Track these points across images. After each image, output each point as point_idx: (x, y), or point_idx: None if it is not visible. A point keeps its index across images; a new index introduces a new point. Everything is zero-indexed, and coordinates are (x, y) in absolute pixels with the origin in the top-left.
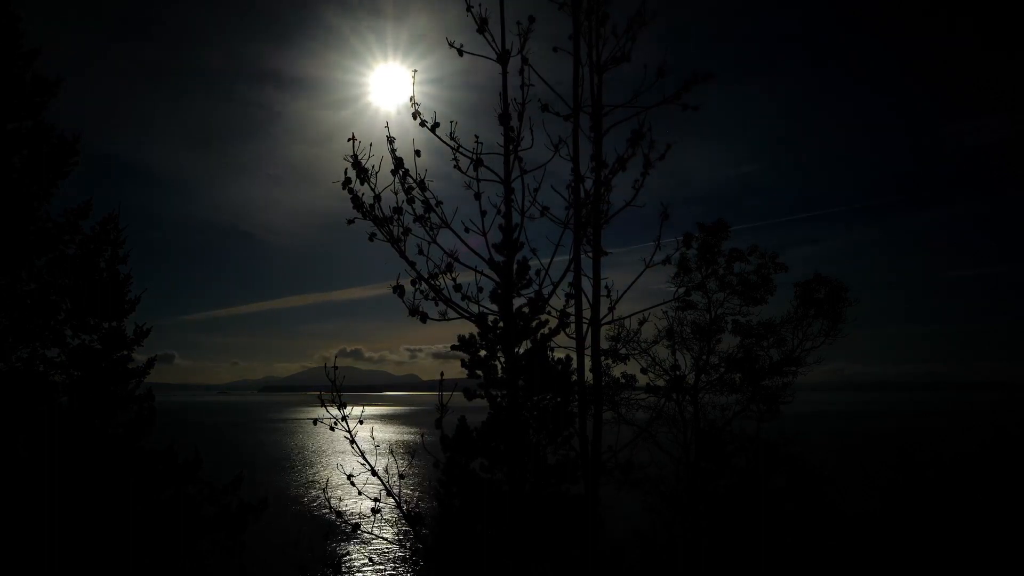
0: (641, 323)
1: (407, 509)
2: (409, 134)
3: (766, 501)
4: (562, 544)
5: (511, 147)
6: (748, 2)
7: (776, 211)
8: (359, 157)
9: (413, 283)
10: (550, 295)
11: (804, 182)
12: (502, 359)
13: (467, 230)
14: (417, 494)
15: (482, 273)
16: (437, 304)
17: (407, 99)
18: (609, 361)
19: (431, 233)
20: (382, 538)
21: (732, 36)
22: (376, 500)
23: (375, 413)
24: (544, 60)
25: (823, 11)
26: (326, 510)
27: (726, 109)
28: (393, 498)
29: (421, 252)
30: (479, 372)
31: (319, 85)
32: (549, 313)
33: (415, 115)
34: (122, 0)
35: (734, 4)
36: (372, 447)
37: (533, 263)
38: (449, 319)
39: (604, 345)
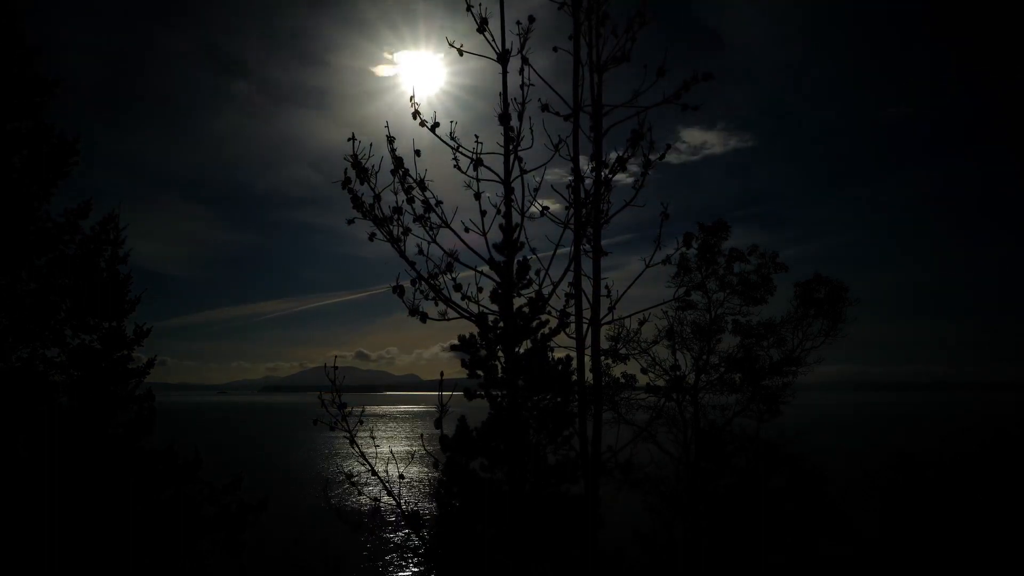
0: (641, 323)
1: (406, 509)
2: (417, 132)
3: (766, 501)
4: (562, 544)
5: (511, 147)
6: None
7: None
8: (359, 157)
9: (413, 283)
10: (550, 295)
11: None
12: (502, 359)
13: (467, 230)
14: (417, 494)
15: (482, 273)
16: (437, 304)
17: (437, 89)
18: (609, 361)
19: (431, 233)
20: (382, 537)
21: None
22: (376, 500)
23: (375, 413)
24: (544, 60)
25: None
26: (326, 510)
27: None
28: (393, 498)
29: (421, 252)
30: (479, 372)
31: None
32: (549, 313)
33: (415, 115)
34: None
35: None
36: (372, 447)
37: (533, 263)
38: (449, 319)
39: (604, 345)
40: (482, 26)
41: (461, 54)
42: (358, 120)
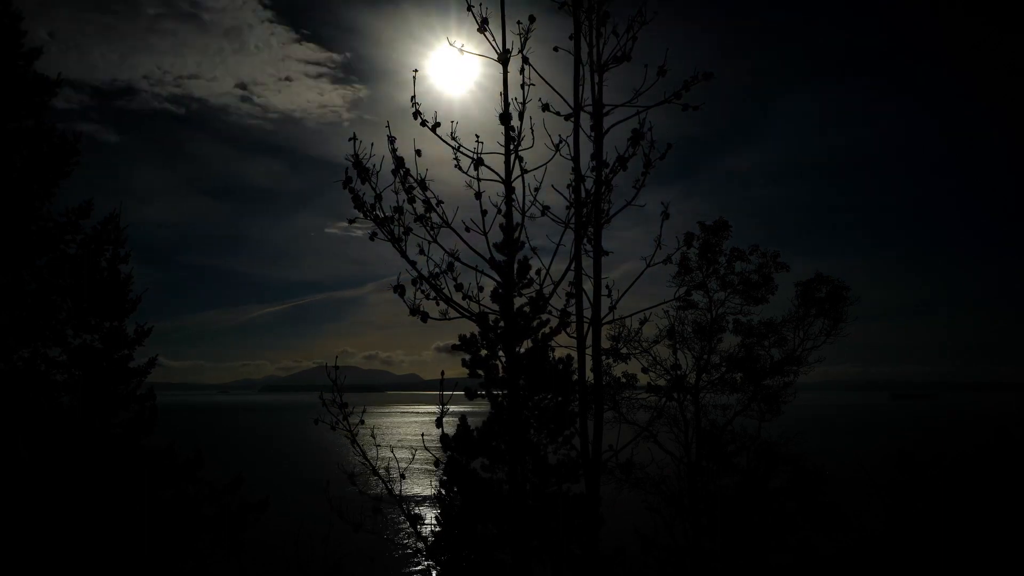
0: (642, 322)
1: (408, 508)
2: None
3: (767, 500)
4: (563, 543)
5: (512, 147)
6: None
7: None
8: (360, 157)
9: (414, 283)
10: (551, 294)
11: None
12: (503, 358)
13: (468, 230)
14: (417, 493)
15: (483, 272)
16: (438, 304)
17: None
18: (610, 360)
19: (432, 233)
20: (383, 537)
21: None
22: (377, 500)
23: (376, 412)
24: (545, 60)
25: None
26: (327, 510)
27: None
28: (394, 497)
29: (422, 252)
30: (480, 372)
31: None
32: (550, 312)
33: (415, 115)
34: None
35: None
36: (373, 446)
37: (534, 262)
38: (450, 319)
39: (605, 344)
40: (482, 26)
41: (461, 54)
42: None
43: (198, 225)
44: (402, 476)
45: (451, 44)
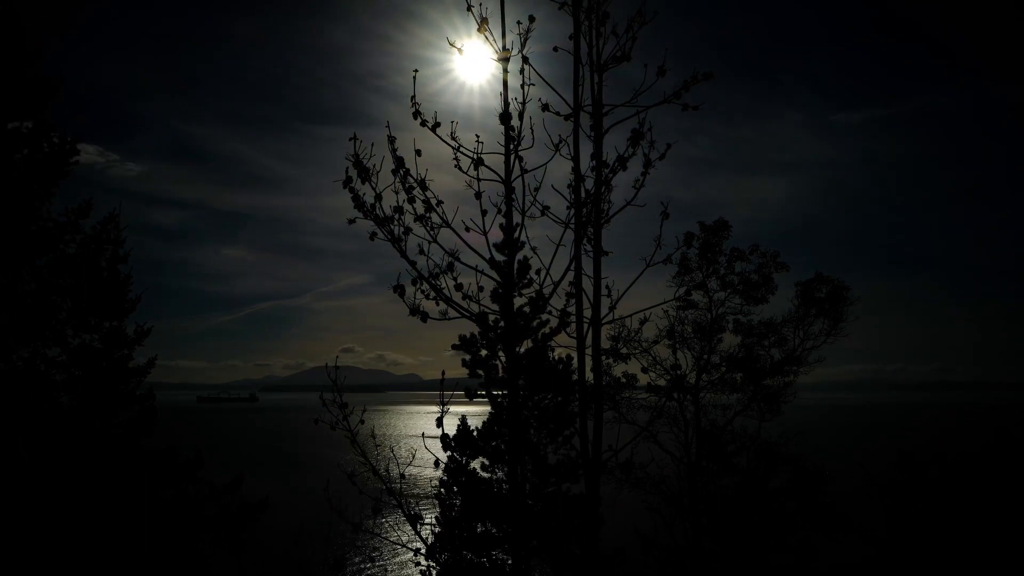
0: (642, 322)
1: (407, 508)
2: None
3: (767, 500)
4: (562, 543)
5: (512, 146)
6: None
7: None
8: (360, 157)
9: (414, 283)
10: (551, 294)
11: None
12: (503, 358)
13: (468, 229)
14: (417, 492)
15: (483, 272)
16: (438, 304)
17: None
18: (610, 360)
19: (432, 233)
20: (382, 537)
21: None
22: (377, 499)
23: (376, 412)
24: (545, 60)
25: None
26: (326, 510)
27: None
28: (394, 497)
29: (422, 252)
30: (480, 372)
31: None
32: (550, 312)
33: (415, 115)
34: None
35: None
36: (373, 447)
37: (534, 262)
38: (450, 318)
39: (605, 344)
40: (482, 26)
41: (461, 54)
42: None
43: (140, 252)
44: (402, 476)
45: (451, 44)
